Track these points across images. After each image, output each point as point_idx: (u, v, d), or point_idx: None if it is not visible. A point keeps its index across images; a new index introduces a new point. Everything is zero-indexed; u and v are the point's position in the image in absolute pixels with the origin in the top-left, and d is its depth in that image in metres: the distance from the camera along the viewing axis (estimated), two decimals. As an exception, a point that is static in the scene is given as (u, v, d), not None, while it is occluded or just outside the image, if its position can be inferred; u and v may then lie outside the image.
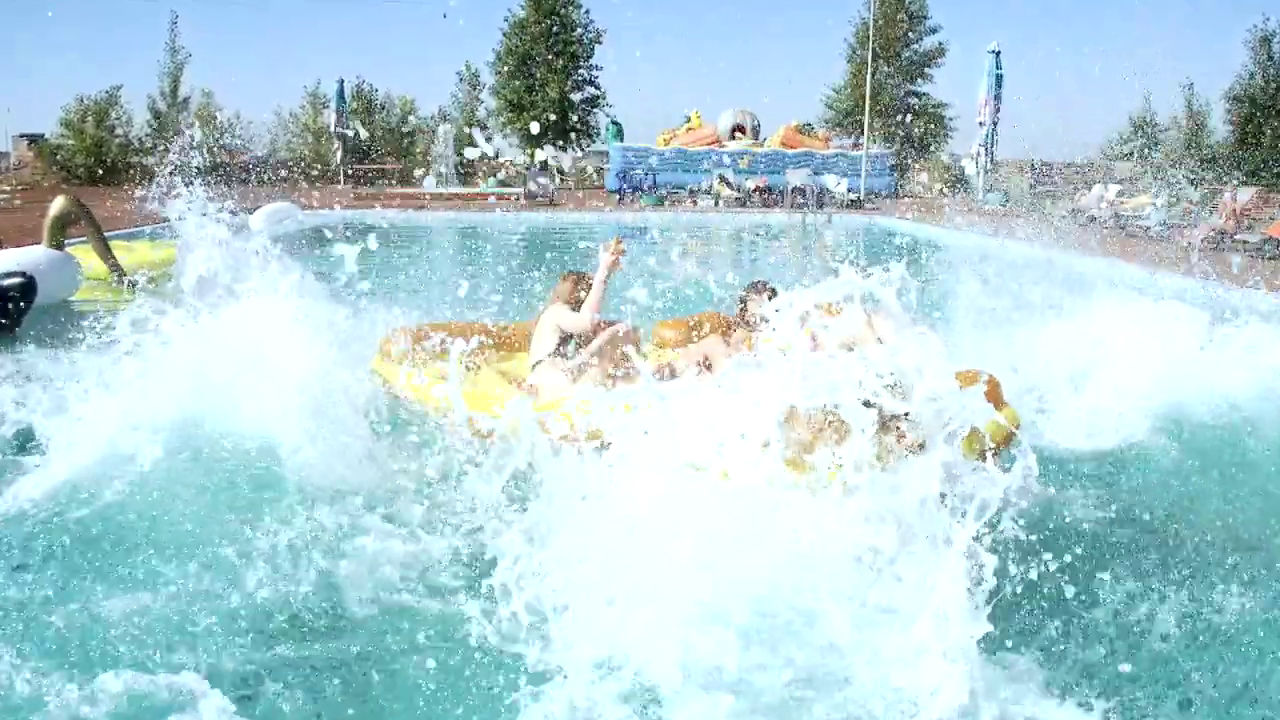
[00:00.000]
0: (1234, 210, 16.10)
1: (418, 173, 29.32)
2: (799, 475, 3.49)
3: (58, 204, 9.28)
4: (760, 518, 3.21)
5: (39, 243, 9.31)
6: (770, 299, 5.98)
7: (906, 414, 3.77)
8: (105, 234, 9.98)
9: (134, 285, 9.53)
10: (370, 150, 34.35)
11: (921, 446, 3.76)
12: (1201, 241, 15.78)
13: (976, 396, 3.49)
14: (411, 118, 36.76)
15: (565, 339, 5.12)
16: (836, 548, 3.14)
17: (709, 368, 5.09)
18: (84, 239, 9.74)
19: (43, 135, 33.93)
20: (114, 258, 9.50)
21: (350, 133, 30.29)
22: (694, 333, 6.13)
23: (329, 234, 5.62)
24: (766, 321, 5.86)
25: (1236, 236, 15.61)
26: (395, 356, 5.48)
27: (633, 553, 3.12)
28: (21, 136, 39.13)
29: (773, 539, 3.14)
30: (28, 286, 7.66)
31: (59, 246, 9.23)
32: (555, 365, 5.02)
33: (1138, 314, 6.84)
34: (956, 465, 3.28)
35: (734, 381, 3.72)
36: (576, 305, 5.23)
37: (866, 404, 3.71)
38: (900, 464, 3.51)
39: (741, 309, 6.08)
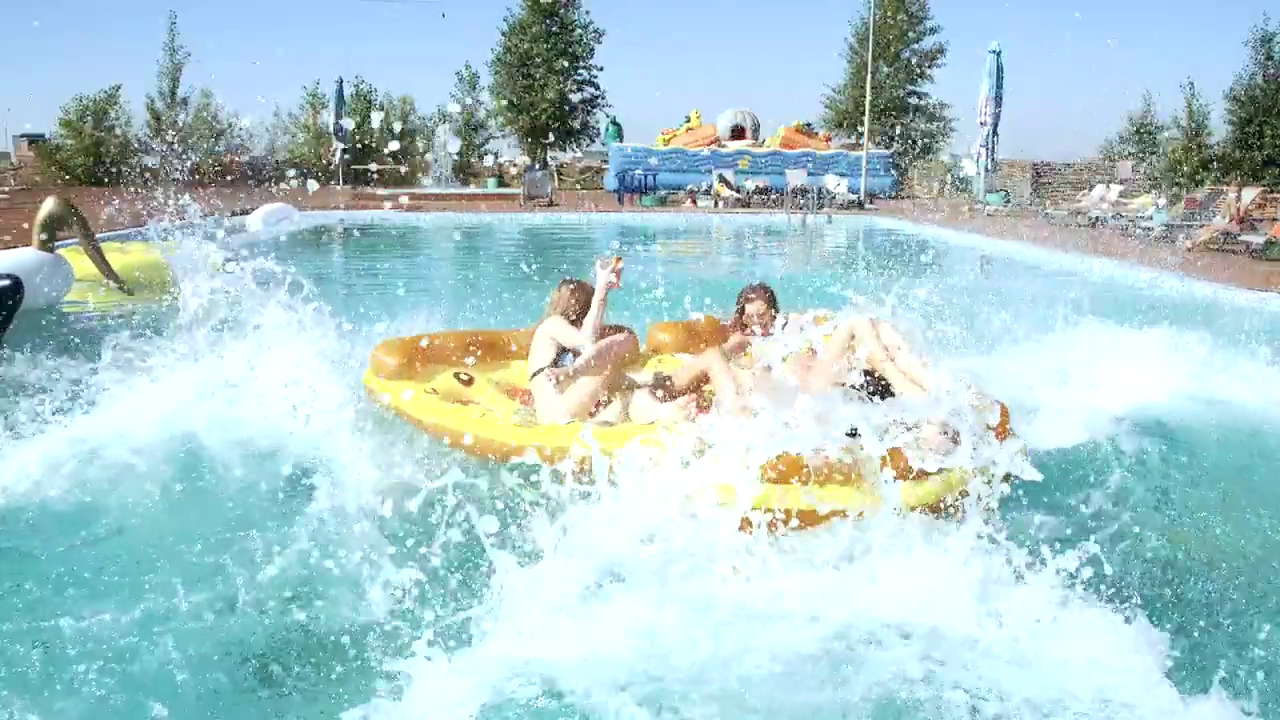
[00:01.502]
0: (1238, 211, 15.98)
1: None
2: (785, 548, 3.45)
3: (47, 205, 9.13)
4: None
5: (29, 244, 9.18)
6: (769, 302, 5.89)
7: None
8: (99, 236, 9.86)
9: (128, 289, 9.42)
10: (377, 149, 34.24)
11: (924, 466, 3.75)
12: (1205, 243, 15.68)
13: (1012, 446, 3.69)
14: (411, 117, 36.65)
15: (562, 351, 5.01)
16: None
17: (706, 381, 4.97)
18: (74, 240, 9.58)
19: (43, 135, 33.80)
20: (105, 261, 9.34)
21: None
22: (689, 336, 6.01)
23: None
24: (762, 325, 5.80)
25: (1241, 237, 15.48)
26: (386, 370, 5.32)
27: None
28: (22, 136, 39.05)
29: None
30: (14, 289, 7.52)
31: (49, 248, 9.09)
32: (552, 378, 4.91)
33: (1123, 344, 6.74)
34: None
35: (723, 438, 3.67)
36: (574, 314, 5.11)
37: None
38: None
39: (739, 312, 5.98)
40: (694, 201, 25.70)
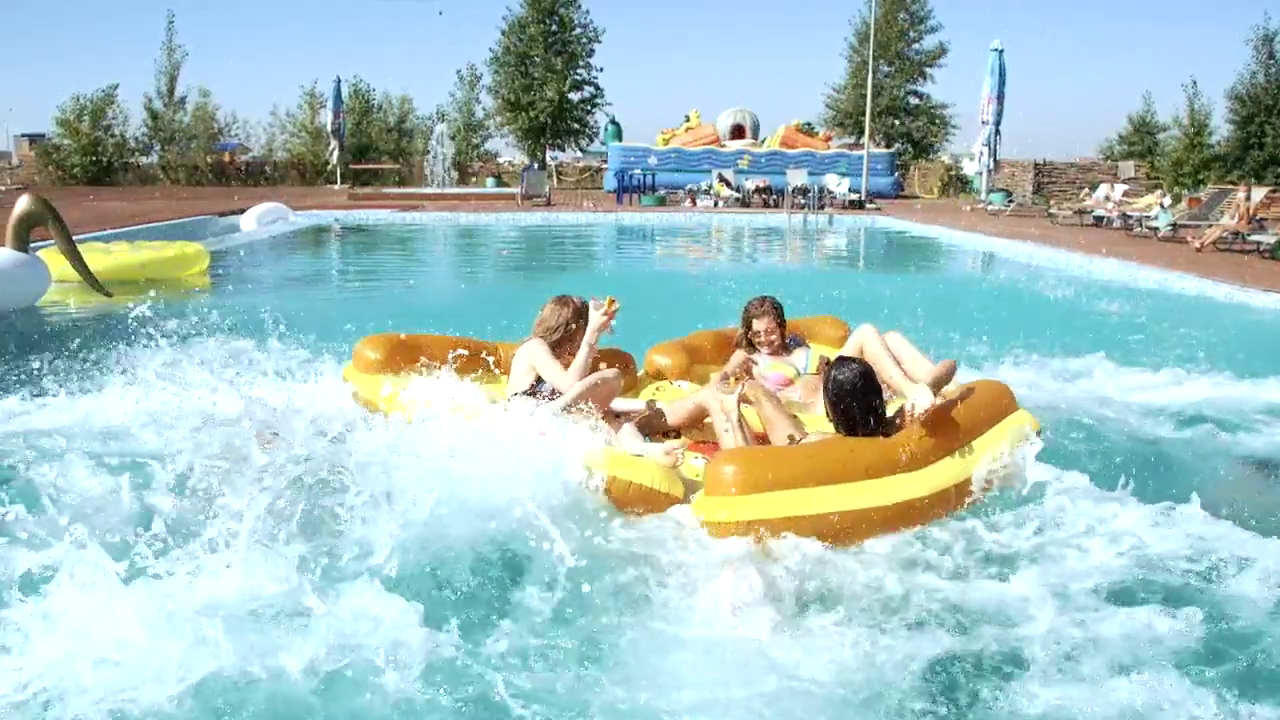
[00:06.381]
0: (1246, 210, 15.67)
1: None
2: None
3: (22, 204, 8.80)
4: None
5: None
6: (776, 317, 5.57)
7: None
8: (107, 236, 9.51)
9: (107, 291, 9.10)
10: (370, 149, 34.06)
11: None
12: (1214, 243, 15.38)
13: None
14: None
15: (540, 380, 4.73)
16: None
17: (705, 416, 4.69)
18: (51, 241, 9.24)
19: (44, 135, 33.64)
20: (83, 262, 8.98)
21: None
22: (690, 356, 5.70)
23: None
24: (769, 342, 5.51)
25: (1251, 237, 15.18)
26: (367, 364, 5.19)
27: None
28: (23, 136, 38.95)
29: None
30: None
31: (24, 248, 8.78)
32: (527, 405, 4.63)
33: None
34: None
35: None
36: (560, 336, 4.84)
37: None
38: None
39: (745, 328, 5.66)
40: (693, 201, 25.44)
